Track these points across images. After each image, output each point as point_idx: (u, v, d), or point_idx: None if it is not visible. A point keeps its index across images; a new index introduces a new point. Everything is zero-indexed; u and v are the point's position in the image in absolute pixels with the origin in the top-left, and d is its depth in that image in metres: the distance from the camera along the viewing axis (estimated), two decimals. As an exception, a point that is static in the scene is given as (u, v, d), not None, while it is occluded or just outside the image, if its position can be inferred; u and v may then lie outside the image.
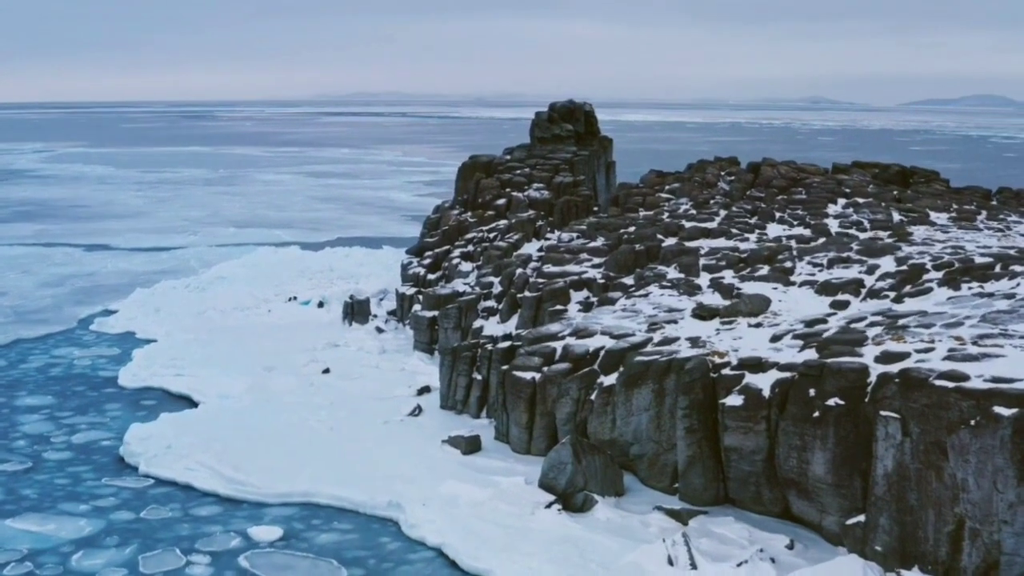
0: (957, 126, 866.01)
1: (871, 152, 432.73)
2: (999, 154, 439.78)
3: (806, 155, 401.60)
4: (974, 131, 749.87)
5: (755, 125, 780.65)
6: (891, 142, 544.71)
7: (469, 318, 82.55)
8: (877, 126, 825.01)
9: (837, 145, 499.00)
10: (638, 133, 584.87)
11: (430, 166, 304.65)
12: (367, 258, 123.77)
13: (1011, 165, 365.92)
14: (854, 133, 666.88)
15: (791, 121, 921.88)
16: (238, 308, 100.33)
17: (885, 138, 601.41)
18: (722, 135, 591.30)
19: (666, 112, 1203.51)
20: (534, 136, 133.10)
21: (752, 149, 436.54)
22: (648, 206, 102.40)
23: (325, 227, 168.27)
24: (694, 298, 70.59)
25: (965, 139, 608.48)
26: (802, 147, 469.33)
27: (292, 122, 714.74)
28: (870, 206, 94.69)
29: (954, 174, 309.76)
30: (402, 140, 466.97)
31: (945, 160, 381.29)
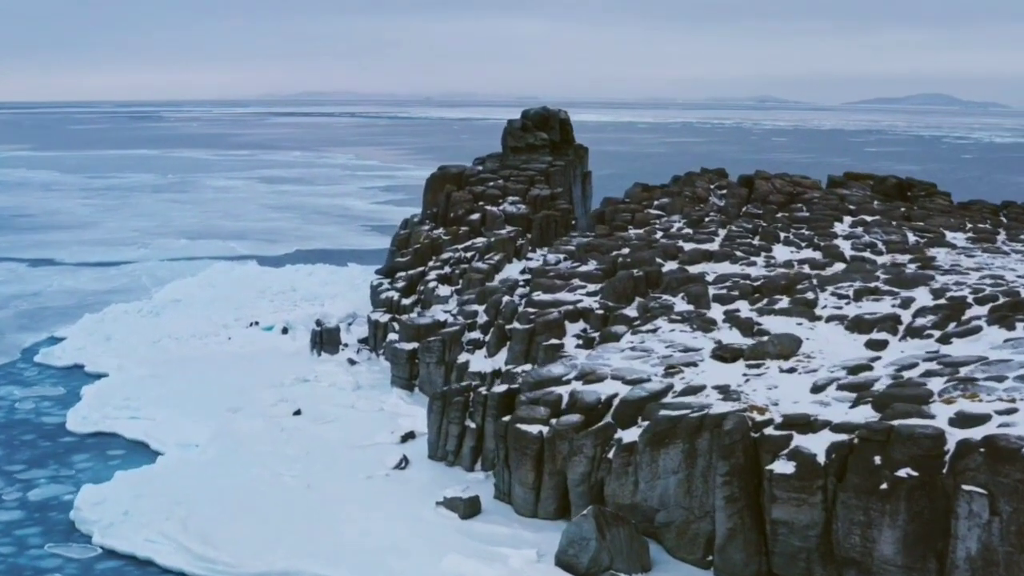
0: (907, 126, 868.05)
1: (825, 153, 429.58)
2: (956, 155, 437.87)
3: (761, 157, 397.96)
4: (925, 131, 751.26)
5: (706, 125, 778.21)
6: (845, 143, 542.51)
7: (453, 352, 75.26)
8: (828, 126, 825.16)
9: (791, 146, 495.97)
10: (591, 134, 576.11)
11: (384, 170, 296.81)
12: (331, 277, 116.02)
13: (970, 167, 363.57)
14: (806, 133, 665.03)
15: (741, 121, 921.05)
16: (195, 335, 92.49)
17: (838, 139, 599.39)
18: (674, 136, 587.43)
19: (617, 112, 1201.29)
20: (506, 145, 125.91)
21: (707, 151, 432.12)
22: (638, 223, 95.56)
23: (282, 238, 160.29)
24: (710, 335, 63.76)
25: (918, 139, 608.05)
26: (756, 148, 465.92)
27: (241, 123, 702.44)
28: (880, 225, 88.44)
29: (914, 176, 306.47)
30: (354, 142, 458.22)
31: (903, 162, 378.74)
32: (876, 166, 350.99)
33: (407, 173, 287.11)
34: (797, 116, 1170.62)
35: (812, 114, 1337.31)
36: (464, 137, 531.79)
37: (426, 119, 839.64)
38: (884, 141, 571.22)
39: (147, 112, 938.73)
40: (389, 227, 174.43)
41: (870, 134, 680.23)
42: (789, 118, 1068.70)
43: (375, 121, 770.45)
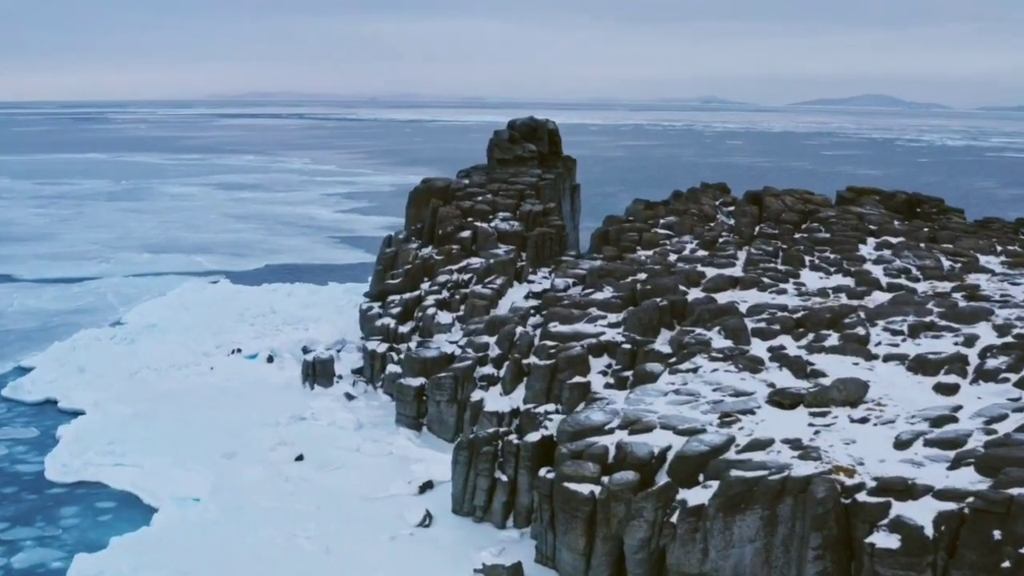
0: (857, 128, 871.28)
1: (783, 157, 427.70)
2: (912, 159, 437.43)
3: (720, 161, 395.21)
4: (875, 133, 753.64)
5: (657, 127, 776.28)
6: (800, 146, 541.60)
7: (466, 389, 69.55)
8: (779, 128, 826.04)
9: (747, 149, 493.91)
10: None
11: (342, 176, 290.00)
12: (312, 298, 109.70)
13: (930, 171, 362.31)
14: (759, 136, 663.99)
15: (692, 123, 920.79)
16: (175, 366, 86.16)
17: (791, 141, 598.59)
18: (628, 139, 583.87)
19: (567, 113, 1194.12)
20: (492, 157, 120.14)
21: (665, 155, 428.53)
22: (646, 244, 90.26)
23: (248, 252, 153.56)
24: (759, 376, 58.54)
25: (871, 142, 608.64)
26: (713, 152, 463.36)
27: (189, 125, 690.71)
28: (908, 248, 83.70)
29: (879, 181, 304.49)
30: (306, 145, 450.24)
31: (863, 166, 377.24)
32: (839, 171, 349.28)
33: (367, 179, 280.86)
34: (745, 118, 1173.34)
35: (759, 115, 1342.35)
36: (417, 140, 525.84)
37: (375, 121, 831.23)
38: (838, 144, 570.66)
39: (93, 114, 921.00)
40: (358, 239, 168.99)
41: (821, 136, 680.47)
42: (738, 120, 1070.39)
43: (324, 123, 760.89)
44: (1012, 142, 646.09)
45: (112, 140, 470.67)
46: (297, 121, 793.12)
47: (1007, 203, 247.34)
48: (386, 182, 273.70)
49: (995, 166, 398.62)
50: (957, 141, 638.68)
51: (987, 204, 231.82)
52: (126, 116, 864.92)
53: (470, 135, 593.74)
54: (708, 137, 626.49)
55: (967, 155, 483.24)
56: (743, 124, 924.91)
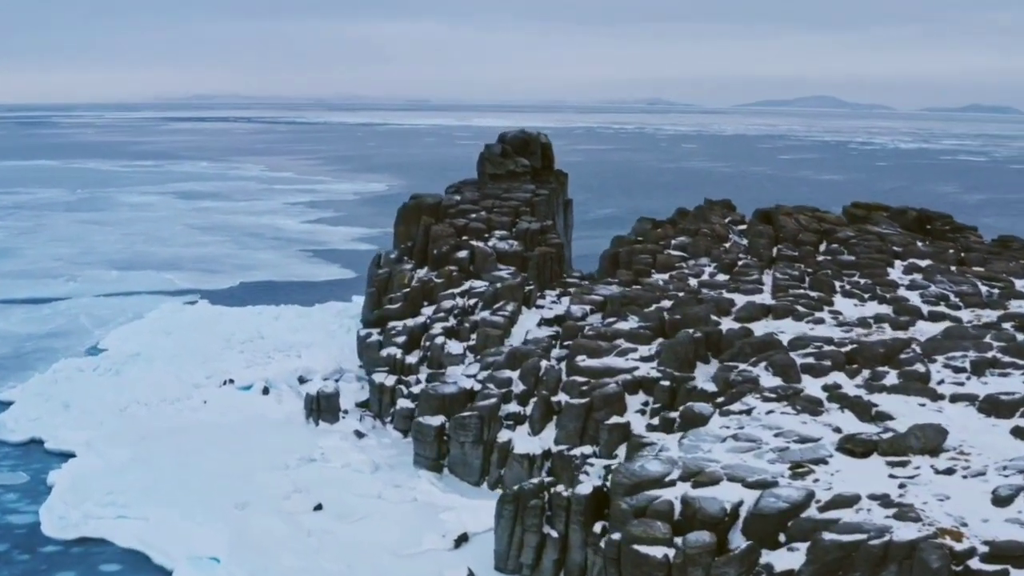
0: (806, 130, 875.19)
1: (741, 161, 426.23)
2: (870, 163, 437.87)
3: (681, 166, 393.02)
4: (826, 135, 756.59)
5: (608, 130, 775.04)
6: (754, 149, 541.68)
7: (492, 429, 65.25)
8: (730, 131, 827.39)
9: (703, 153, 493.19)
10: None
11: (302, 183, 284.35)
12: (301, 321, 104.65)
13: (891, 175, 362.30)
14: (711, 139, 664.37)
15: (642, 125, 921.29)
16: (165, 400, 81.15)
17: (745, 145, 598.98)
18: (582, 143, 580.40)
19: (516, 116, 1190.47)
20: (484, 172, 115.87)
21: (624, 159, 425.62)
22: (661, 267, 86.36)
23: (219, 267, 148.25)
24: (820, 419, 54.86)
25: (824, 145, 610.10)
26: (670, 156, 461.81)
27: (137, 129, 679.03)
28: (941, 273, 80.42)
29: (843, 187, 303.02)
30: (260, 151, 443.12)
31: (824, 171, 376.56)
32: (799, 176, 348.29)
33: (327, 187, 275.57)
34: (694, 120, 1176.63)
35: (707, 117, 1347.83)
36: (371, 145, 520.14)
37: (325, 124, 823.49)
38: (792, 147, 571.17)
39: (38, 117, 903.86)
40: (331, 252, 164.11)
41: (773, 139, 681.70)
42: (687, 122, 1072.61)
43: (273, 127, 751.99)
44: (962, 144, 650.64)
45: (61, 146, 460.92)
46: (246, 125, 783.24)
47: (975, 209, 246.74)
48: (348, 190, 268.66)
49: (952, 170, 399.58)
50: (909, 144, 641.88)
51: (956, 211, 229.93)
52: (72, 120, 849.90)
53: (424, 139, 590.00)
54: (662, 141, 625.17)
55: (922, 158, 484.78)
56: (693, 126, 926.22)
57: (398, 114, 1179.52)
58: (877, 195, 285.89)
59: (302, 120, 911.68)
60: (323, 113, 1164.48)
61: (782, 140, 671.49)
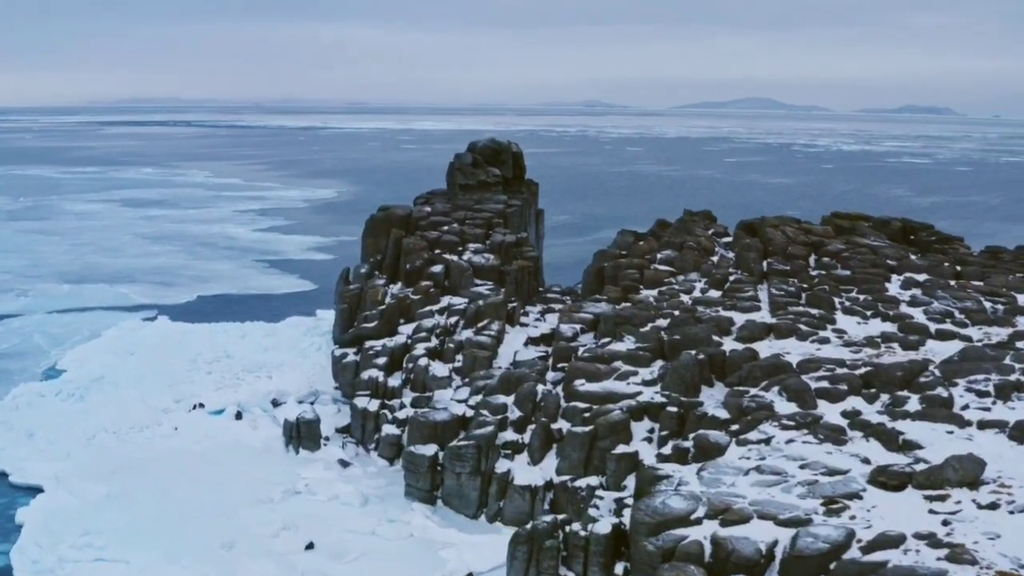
0: (748, 132, 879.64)
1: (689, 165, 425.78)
2: (817, 166, 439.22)
3: (631, 169, 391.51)
4: (768, 138, 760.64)
5: (551, 133, 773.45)
6: (700, 152, 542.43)
7: (490, 458, 62.05)
8: (672, 133, 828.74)
9: (649, 156, 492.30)
10: (443, 145, 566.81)
11: (250, 190, 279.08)
12: (269, 339, 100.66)
13: (839, 178, 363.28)
14: (655, 142, 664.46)
15: (584, 128, 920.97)
16: (134, 427, 77.17)
17: (690, 147, 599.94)
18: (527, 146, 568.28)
19: (457, 118, 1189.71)
20: (454, 182, 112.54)
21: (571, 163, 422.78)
22: (650, 283, 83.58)
23: (174, 280, 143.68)
24: (844, 448, 52.26)
25: (768, 147, 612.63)
26: (618, 160, 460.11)
27: (76, 134, 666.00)
28: (941, 288, 78.26)
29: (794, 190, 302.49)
30: (203, 156, 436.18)
31: (772, 174, 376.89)
32: (748, 179, 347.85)
33: (276, 194, 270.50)
34: (634, 122, 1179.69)
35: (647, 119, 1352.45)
36: (315, 149, 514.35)
37: (265, 128, 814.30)
38: (736, 150, 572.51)
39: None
40: (287, 263, 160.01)
41: (717, 142, 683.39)
42: (628, 124, 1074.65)
43: (214, 131, 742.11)
44: (904, 146, 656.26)
45: None
46: (186, 129, 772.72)
47: (928, 212, 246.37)
48: (297, 197, 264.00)
49: (899, 173, 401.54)
50: (852, 146, 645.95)
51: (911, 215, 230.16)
52: (8, 124, 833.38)
53: (368, 143, 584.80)
54: (606, 144, 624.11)
55: (867, 161, 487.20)
56: (635, 129, 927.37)
57: (338, 117, 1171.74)
58: (829, 199, 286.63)
59: (242, 124, 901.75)
60: (262, 117, 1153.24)
61: (725, 143, 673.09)
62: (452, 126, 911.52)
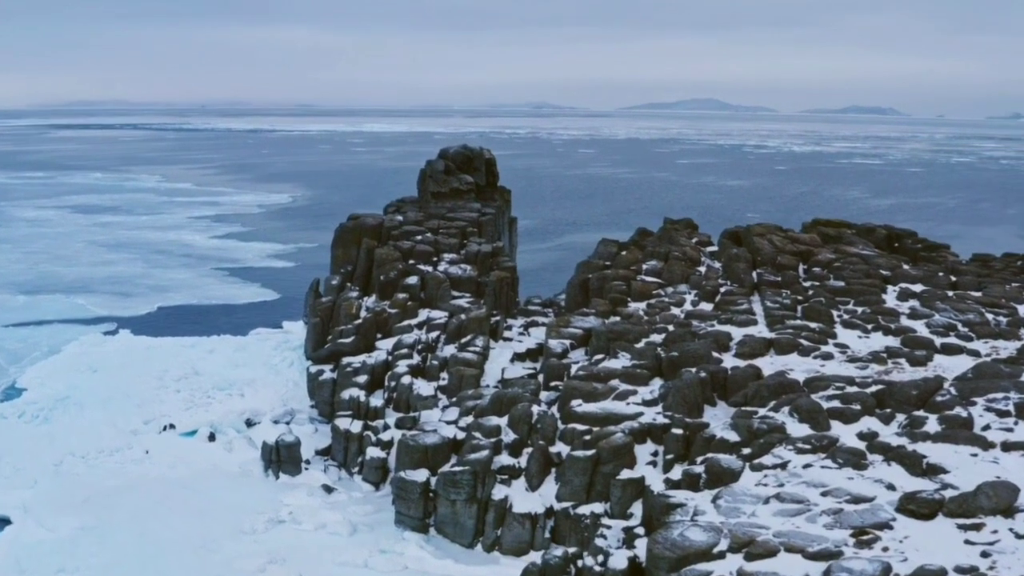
0: (697, 133, 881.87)
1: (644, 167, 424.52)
2: (770, 167, 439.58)
3: (586, 172, 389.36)
4: (719, 139, 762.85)
5: (502, 135, 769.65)
6: (652, 154, 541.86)
7: (487, 485, 59.18)
8: (623, 135, 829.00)
9: (603, 159, 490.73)
10: (396, 148, 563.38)
11: (202, 195, 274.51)
12: (239, 355, 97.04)
13: (795, 180, 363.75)
14: (606, 144, 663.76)
15: (535, 130, 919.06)
16: (104, 451, 73.64)
17: (641, 149, 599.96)
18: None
19: (405, 120, 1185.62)
20: (425, 190, 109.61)
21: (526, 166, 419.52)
22: (638, 295, 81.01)
23: (132, 289, 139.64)
24: (866, 473, 49.75)
25: (719, 149, 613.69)
26: (571, 162, 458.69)
27: (22, 138, 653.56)
28: (939, 299, 76.29)
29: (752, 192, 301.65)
30: (153, 160, 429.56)
31: (727, 176, 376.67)
32: (704, 182, 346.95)
33: (230, 199, 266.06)
34: (584, 124, 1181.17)
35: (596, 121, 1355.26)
36: (265, 152, 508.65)
37: (213, 131, 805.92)
38: (688, 152, 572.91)
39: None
40: (247, 271, 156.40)
41: (667, 143, 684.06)
42: (577, 126, 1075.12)
43: (162, 134, 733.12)
44: (854, 147, 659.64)
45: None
46: (134, 132, 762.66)
47: (887, 214, 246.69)
48: (251, 201, 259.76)
49: (853, 174, 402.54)
50: (803, 147, 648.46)
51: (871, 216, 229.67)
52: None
53: (318, 146, 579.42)
54: (558, 146, 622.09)
55: (819, 162, 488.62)
56: (585, 131, 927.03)
57: (286, 119, 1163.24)
58: (787, 200, 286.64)
59: (189, 127, 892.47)
60: (209, 119, 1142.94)
61: (676, 144, 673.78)
62: (402, 128, 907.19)
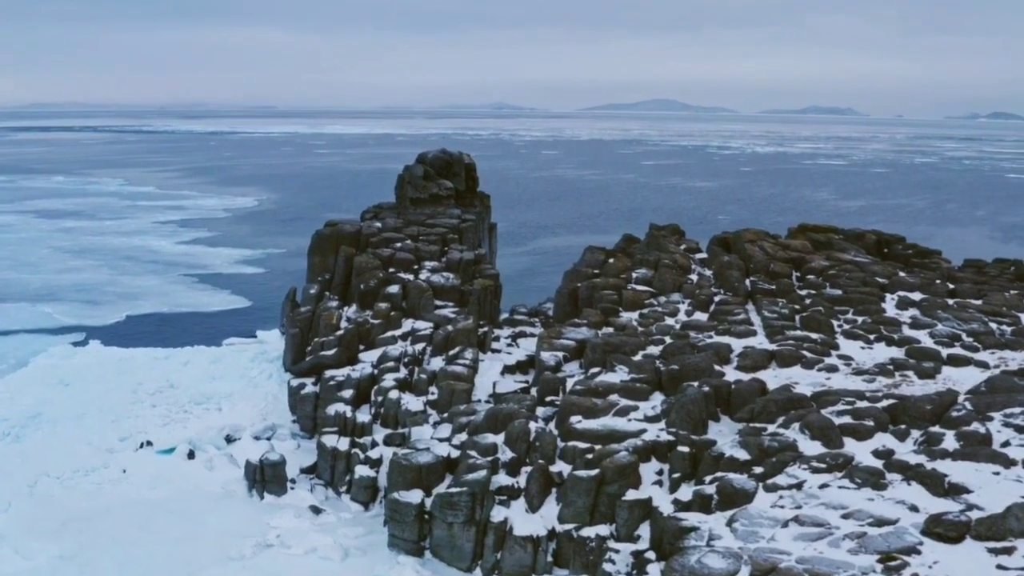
0: (659, 134, 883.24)
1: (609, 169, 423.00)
2: (735, 168, 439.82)
3: (551, 174, 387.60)
4: (681, 140, 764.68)
5: (464, 136, 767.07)
6: (616, 155, 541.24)
7: (486, 506, 56.89)
8: (585, 136, 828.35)
9: (568, 160, 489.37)
10: (358, 150, 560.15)
11: (166, 199, 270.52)
12: (215, 367, 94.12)
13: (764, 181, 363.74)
14: (569, 145, 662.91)
15: (496, 131, 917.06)
16: (80, 470, 70.69)
17: (605, 150, 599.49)
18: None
19: (366, 122, 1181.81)
20: (404, 196, 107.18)
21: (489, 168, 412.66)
22: (630, 305, 78.98)
23: (100, 298, 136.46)
24: (886, 494, 47.94)
25: (683, 150, 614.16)
26: (536, 163, 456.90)
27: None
28: (939, 308, 74.73)
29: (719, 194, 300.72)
30: (114, 163, 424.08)
31: (693, 177, 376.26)
32: (674, 184, 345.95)
33: (195, 203, 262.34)
34: (546, 125, 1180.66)
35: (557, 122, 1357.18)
36: (227, 155, 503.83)
37: (174, 133, 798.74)
38: (652, 153, 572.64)
39: None
40: (216, 277, 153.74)
41: (630, 144, 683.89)
42: (540, 127, 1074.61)
43: (122, 136, 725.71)
44: (817, 148, 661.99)
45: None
46: (93, 134, 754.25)
47: (858, 216, 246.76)
48: (217, 205, 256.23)
49: (819, 175, 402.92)
50: (766, 148, 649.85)
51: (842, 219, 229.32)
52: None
53: (281, 149, 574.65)
54: (521, 148, 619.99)
55: (784, 163, 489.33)
56: (548, 132, 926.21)
57: (246, 121, 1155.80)
58: (757, 203, 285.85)
59: (149, 129, 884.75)
60: (169, 121, 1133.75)
61: (639, 145, 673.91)
62: (363, 130, 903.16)
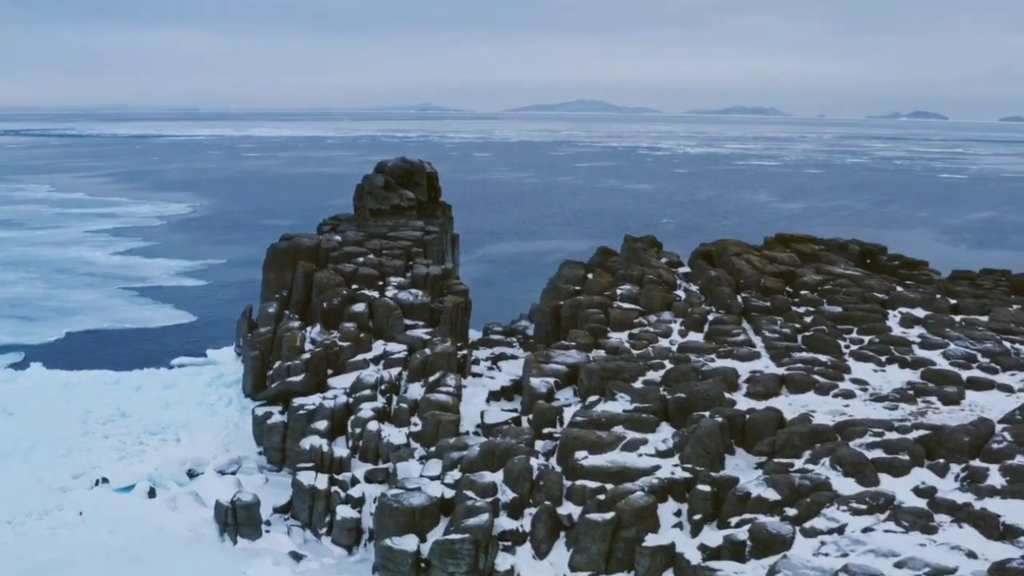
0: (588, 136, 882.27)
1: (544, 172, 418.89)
2: (670, 171, 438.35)
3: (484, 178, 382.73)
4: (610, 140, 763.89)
5: (394, 139, 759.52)
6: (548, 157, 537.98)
7: (490, 554, 52.23)
8: (515, 138, 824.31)
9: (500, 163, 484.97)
10: (287, 153, 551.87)
11: (97, 206, 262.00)
12: (169, 392, 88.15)
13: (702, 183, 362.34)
14: (500, 147, 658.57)
15: (426, 133, 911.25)
16: (31, 513, 64.98)
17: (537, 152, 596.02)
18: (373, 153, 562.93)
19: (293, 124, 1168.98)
20: (363, 207, 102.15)
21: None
22: (618, 325, 74.64)
23: (35, 314, 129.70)
24: (936, 537, 44.04)
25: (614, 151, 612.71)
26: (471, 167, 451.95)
27: None
28: (948, 325, 71.25)
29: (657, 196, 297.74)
30: (40, 168, 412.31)
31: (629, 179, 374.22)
32: (608, 185, 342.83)
33: (127, 210, 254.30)
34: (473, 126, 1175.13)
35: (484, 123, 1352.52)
36: (155, 159, 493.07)
37: (99, 136, 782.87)
38: (584, 155, 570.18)
39: None
40: (156, 290, 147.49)
41: (561, 146, 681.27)
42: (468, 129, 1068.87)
43: (46, 140, 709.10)
44: (747, 148, 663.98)
45: None
46: (15, 138, 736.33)
47: (802, 219, 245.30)
48: (150, 213, 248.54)
49: (755, 177, 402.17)
50: (696, 148, 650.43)
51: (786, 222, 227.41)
52: None
53: (208, 152, 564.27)
54: (452, 150, 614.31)
55: (717, 164, 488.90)
56: (477, 133, 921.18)
57: (170, 124, 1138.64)
58: (699, 205, 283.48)
59: (73, 132, 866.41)
60: (93, 124, 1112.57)
61: (570, 147, 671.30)
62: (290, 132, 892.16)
